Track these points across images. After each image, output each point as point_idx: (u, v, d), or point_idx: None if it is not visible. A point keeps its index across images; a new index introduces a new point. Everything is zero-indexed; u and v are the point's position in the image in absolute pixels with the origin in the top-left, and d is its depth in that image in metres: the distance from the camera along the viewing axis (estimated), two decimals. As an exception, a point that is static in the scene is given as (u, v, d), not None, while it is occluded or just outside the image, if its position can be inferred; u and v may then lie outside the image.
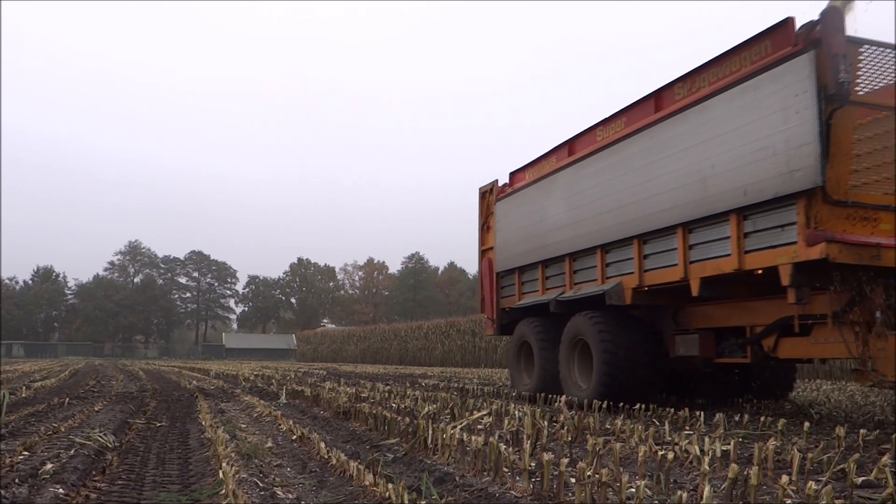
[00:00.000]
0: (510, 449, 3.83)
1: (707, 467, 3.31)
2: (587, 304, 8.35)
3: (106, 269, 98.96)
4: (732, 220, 6.39)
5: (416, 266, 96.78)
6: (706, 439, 4.50)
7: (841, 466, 3.74)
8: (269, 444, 5.14)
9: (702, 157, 6.71)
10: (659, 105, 7.62)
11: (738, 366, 8.41)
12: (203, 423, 6.42)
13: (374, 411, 6.25)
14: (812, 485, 2.89)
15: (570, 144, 9.23)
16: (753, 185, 6.12)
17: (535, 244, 9.62)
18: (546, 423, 5.74)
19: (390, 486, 3.20)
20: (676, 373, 8.79)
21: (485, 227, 11.39)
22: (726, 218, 6.47)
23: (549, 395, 8.71)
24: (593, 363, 8.01)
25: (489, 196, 11.19)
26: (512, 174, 10.87)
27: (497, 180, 11.06)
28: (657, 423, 6.25)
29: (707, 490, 2.72)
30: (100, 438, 4.98)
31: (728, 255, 6.44)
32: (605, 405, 7.36)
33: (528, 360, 10.09)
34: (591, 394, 7.90)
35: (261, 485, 3.63)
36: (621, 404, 7.35)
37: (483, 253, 11.38)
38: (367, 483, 3.49)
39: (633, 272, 7.71)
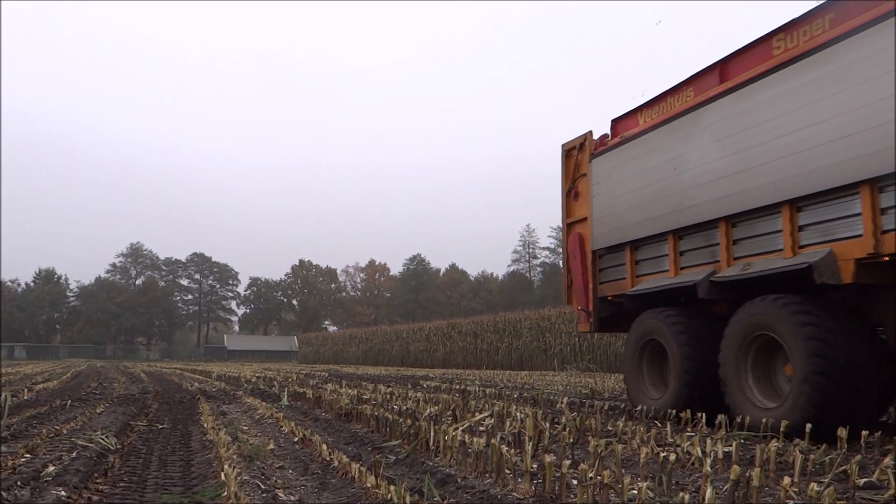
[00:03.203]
0: (512, 451, 3.82)
1: (709, 469, 3.31)
2: (766, 286, 6.14)
3: (108, 271, 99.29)
4: None
5: (418, 267, 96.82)
6: (708, 441, 4.50)
7: (843, 468, 3.74)
8: (271, 446, 5.15)
9: None
10: None
11: None
12: (205, 424, 6.43)
13: (376, 413, 6.25)
14: (814, 486, 2.89)
15: (721, 68, 7.04)
16: None
17: (665, 207, 7.26)
18: (548, 424, 5.74)
19: (392, 487, 3.20)
20: None
21: (571, 193, 9.01)
22: None
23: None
24: (794, 371, 5.63)
25: (577, 154, 8.82)
26: (616, 121, 8.60)
27: (591, 132, 8.66)
28: (659, 425, 6.24)
29: (709, 492, 2.71)
30: (102, 440, 4.98)
31: None
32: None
33: (656, 365, 7.62)
34: (787, 414, 5.54)
35: (263, 487, 3.63)
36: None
37: (570, 227, 9.05)
38: (369, 485, 3.49)
39: (859, 235, 5.34)
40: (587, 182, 8.58)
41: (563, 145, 9.16)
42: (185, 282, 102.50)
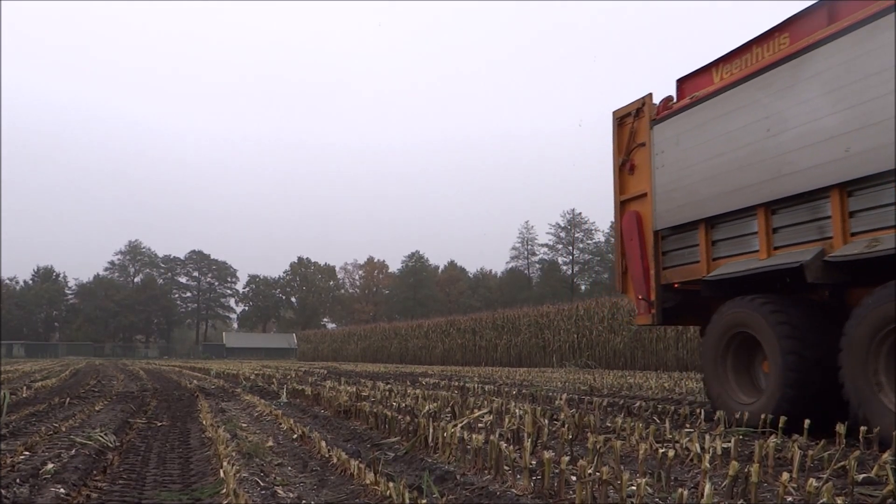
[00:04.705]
0: (511, 447, 3.82)
1: (708, 465, 3.31)
2: (887, 268, 5.03)
3: (106, 269, 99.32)
4: None
5: (417, 265, 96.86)
6: (707, 437, 4.50)
7: (842, 464, 3.74)
8: (270, 444, 5.15)
9: None
10: None
11: None
12: (204, 422, 6.43)
13: (375, 410, 6.25)
14: (813, 482, 2.90)
15: (829, 7, 5.92)
16: None
17: (755, 176, 6.11)
18: (547, 421, 5.75)
19: (391, 484, 3.20)
20: None
21: (626, 167, 7.81)
22: None
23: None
24: None
25: (633, 121, 7.64)
26: (682, 81, 7.45)
27: (650, 94, 7.51)
28: (658, 421, 6.25)
29: (708, 487, 2.72)
30: (100, 438, 4.98)
31: None
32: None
33: (745, 363, 6.40)
34: None
35: (262, 484, 3.63)
36: None
37: (624, 205, 7.84)
38: (367, 482, 3.50)
39: None
40: (647, 152, 7.42)
41: (614, 112, 7.97)
42: (183, 279, 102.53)
